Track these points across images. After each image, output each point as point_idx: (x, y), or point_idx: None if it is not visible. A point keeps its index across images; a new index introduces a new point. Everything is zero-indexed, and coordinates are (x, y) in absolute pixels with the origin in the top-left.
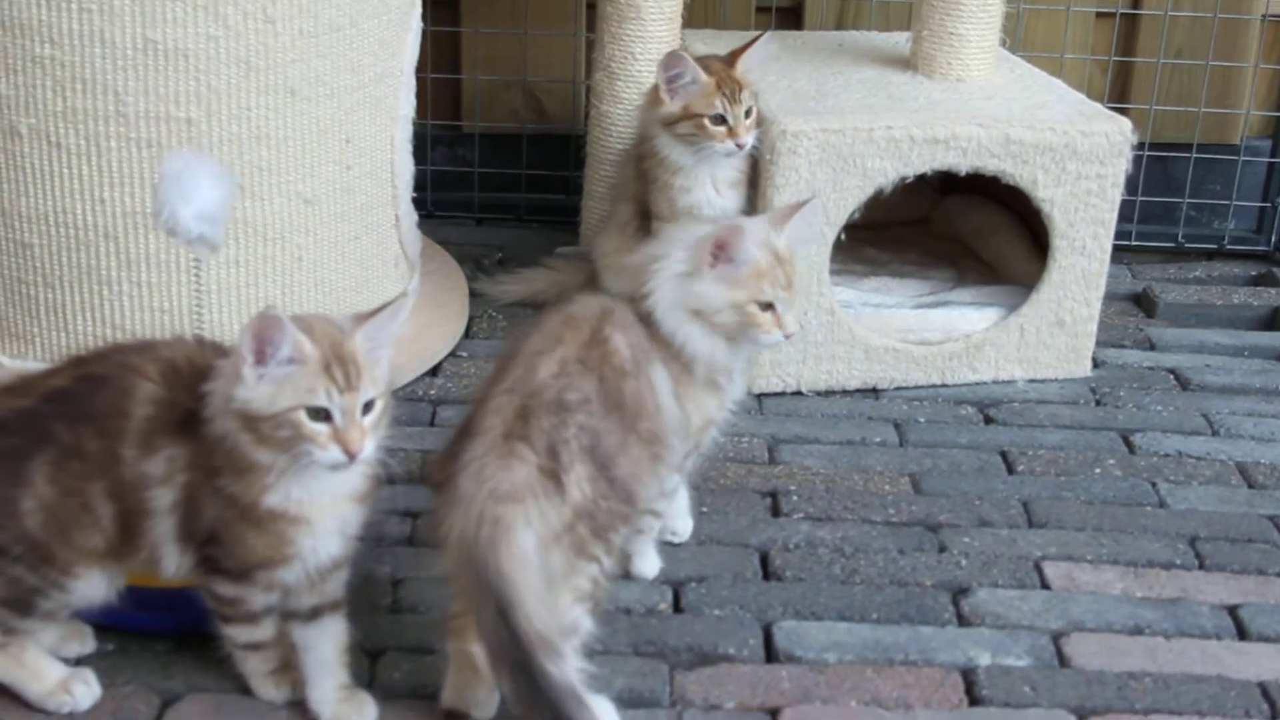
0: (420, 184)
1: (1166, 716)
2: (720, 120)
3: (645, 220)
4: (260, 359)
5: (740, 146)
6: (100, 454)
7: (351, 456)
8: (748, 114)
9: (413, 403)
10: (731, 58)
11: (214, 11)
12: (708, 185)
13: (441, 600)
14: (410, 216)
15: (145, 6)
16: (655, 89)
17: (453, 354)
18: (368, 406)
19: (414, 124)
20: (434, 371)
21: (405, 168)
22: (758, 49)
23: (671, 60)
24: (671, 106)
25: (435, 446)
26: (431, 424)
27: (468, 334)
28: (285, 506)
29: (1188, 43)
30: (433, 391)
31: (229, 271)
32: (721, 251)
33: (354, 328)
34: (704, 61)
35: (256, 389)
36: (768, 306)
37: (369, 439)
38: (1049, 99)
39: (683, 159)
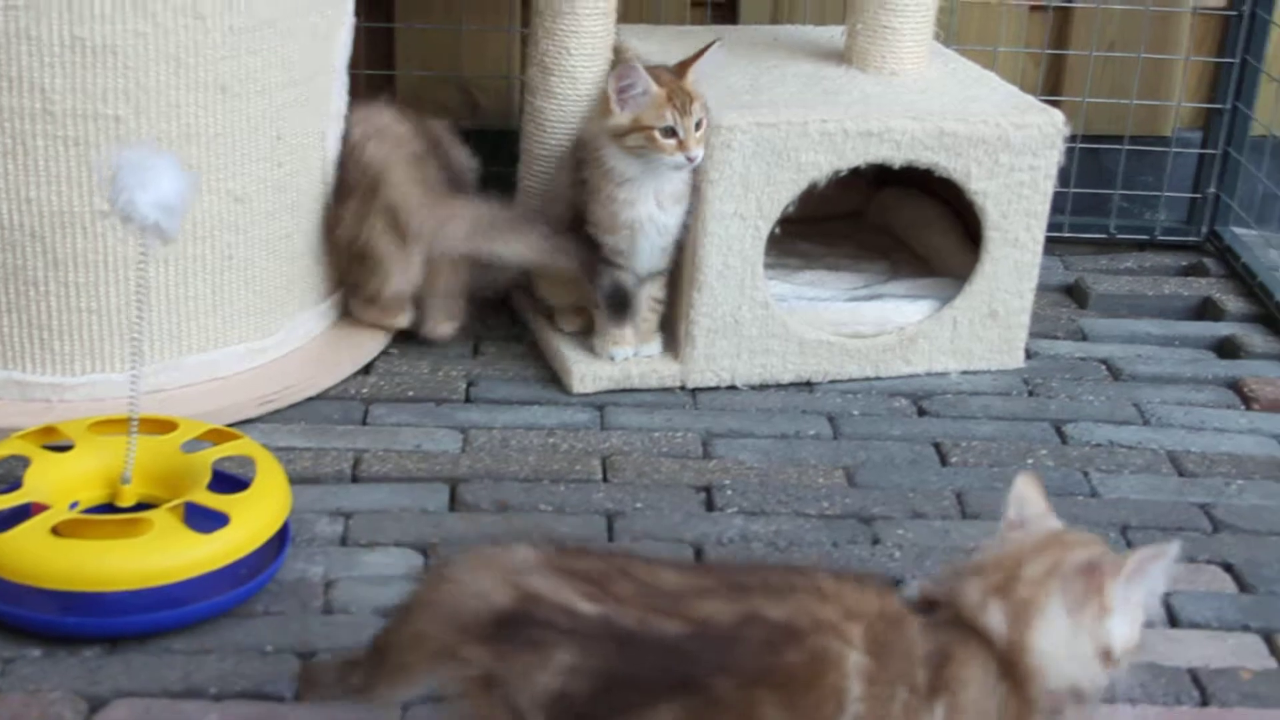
0: None
1: (1100, 705)
2: (671, 133)
3: (578, 227)
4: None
5: (691, 160)
6: None
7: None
8: (698, 126)
9: (345, 401)
10: (681, 68)
11: (143, 8)
12: (650, 200)
13: (374, 599)
14: None
15: (72, 3)
16: (605, 98)
17: (385, 352)
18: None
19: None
20: (366, 370)
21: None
22: (708, 58)
23: (623, 71)
24: (621, 118)
25: (368, 446)
26: (364, 423)
27: (401, 331)
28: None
29: (1120, 35)
30: (365, 390)
31: (158, 270)
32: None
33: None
34: (654, 72)
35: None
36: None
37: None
38: (982, 92)
39: (629, 170)
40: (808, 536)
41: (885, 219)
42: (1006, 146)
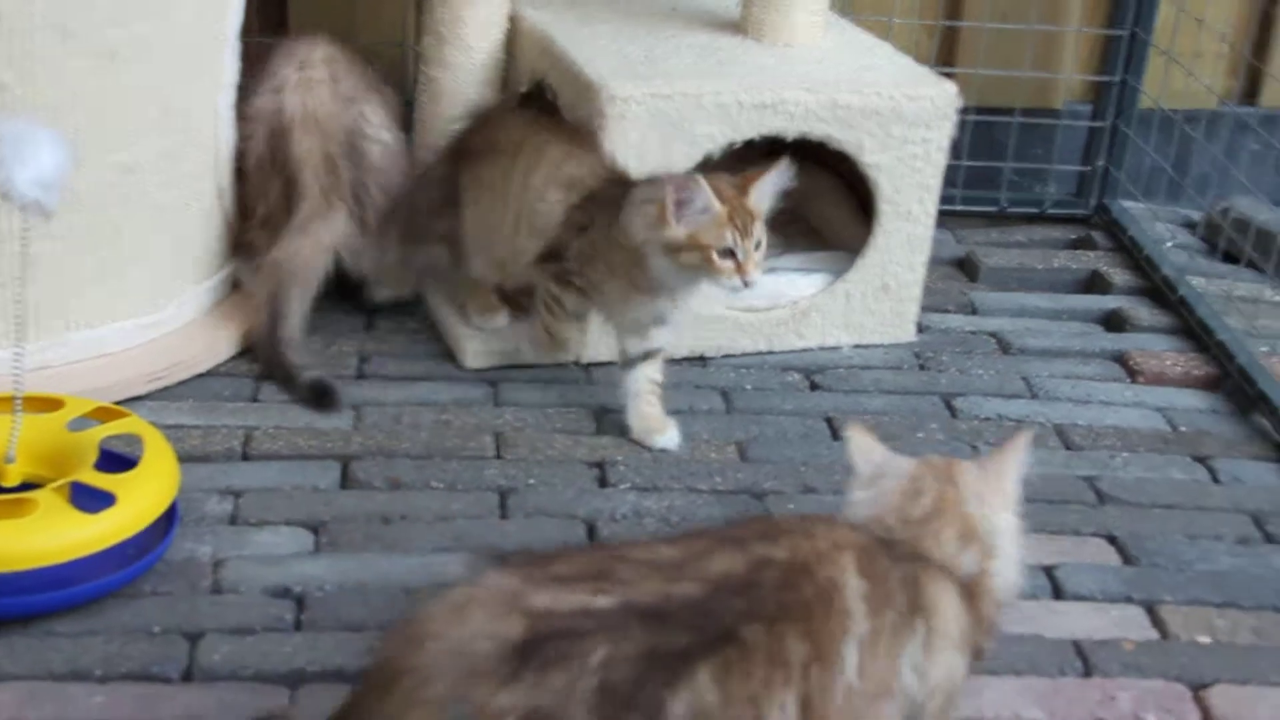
0: None
1: (985, 676)
2: (729, 254)
3: (548, 261)
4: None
5: (747, 285)
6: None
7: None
8: (757, 247)
9: (235, 378)
10: (744, 183)
11: None
12: (669, 301)
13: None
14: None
15: None
16: (660, 208)
17: None
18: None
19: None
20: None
21: (229, 136)
22: (773, 177)
23: (683, 184)
24: (677, 232)
25: (259, 423)
26: (255, 399)
27: None
28: None
29: (1013, 7)
30: (256, 366)
31: (44, 243)
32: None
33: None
34: (715, 186)
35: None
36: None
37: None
38: (876, 63)
39: (672, 282)
40: (700, 512)
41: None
42: (900, 119)
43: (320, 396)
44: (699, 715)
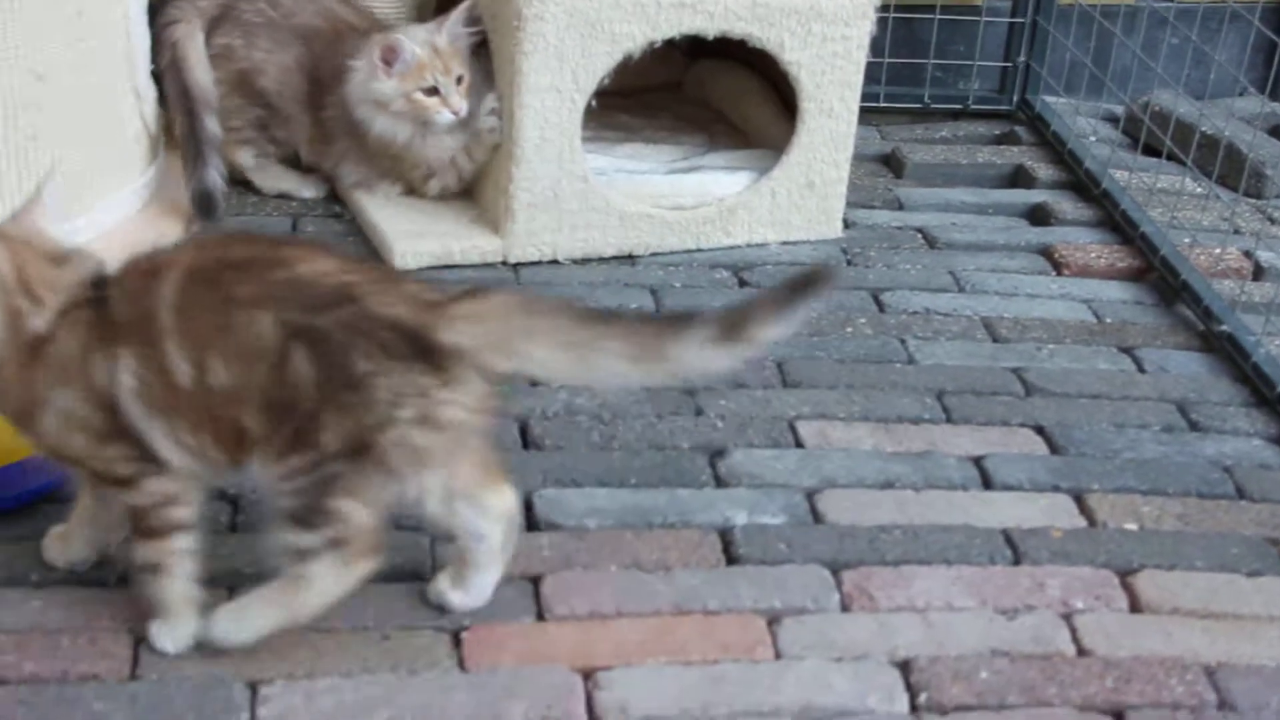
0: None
1: (916, 566)
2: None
3: None
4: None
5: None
6: None
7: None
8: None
9: None
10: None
11: None
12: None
13: None
14: (150, 92)
15: None
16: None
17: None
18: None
19: None
20: None
21: (142, 40)
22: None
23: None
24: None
25: None
26: None
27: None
28: None
29: None
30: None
31: None
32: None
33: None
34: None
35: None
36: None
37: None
38: None
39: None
40: (632, 409)
41: (702, 90)
42: (819, 16)
43: (204, 204)
44: None
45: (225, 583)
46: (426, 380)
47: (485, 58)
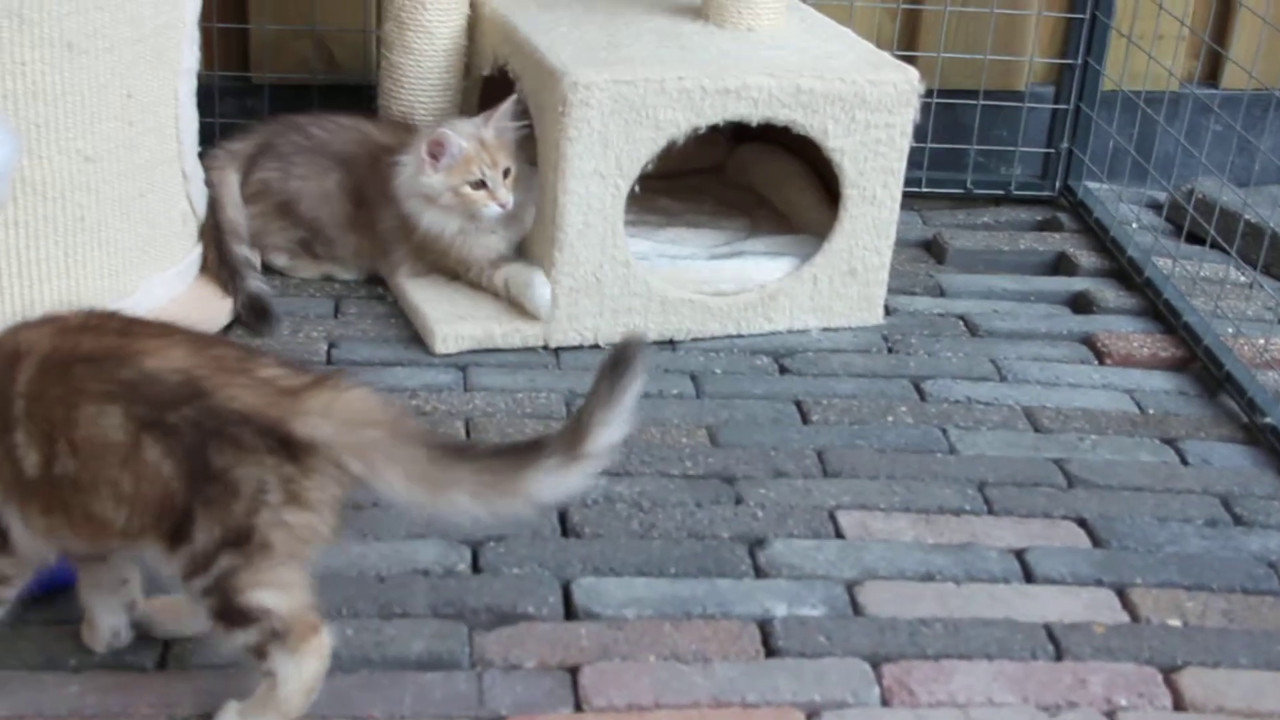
0: (209, 137)
1: (957, 661)
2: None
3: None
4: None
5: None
6: None
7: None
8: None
9: None
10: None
11: None
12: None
13: None
14: (197, 173)
15: None
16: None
17: None
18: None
19: (201, 75)
20: (225, 332)
21: (190, 123)
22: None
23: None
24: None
25: None
26: None
27: None
28: None
29: None
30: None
31: (7, 232)
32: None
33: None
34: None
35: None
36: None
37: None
38: (838, 48)
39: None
40: (671, 497)
41: (745, 174)
42: (863, 104)
43: (258, 313)
44: None
45: None
46: (287, 469)
47: (533, 148)
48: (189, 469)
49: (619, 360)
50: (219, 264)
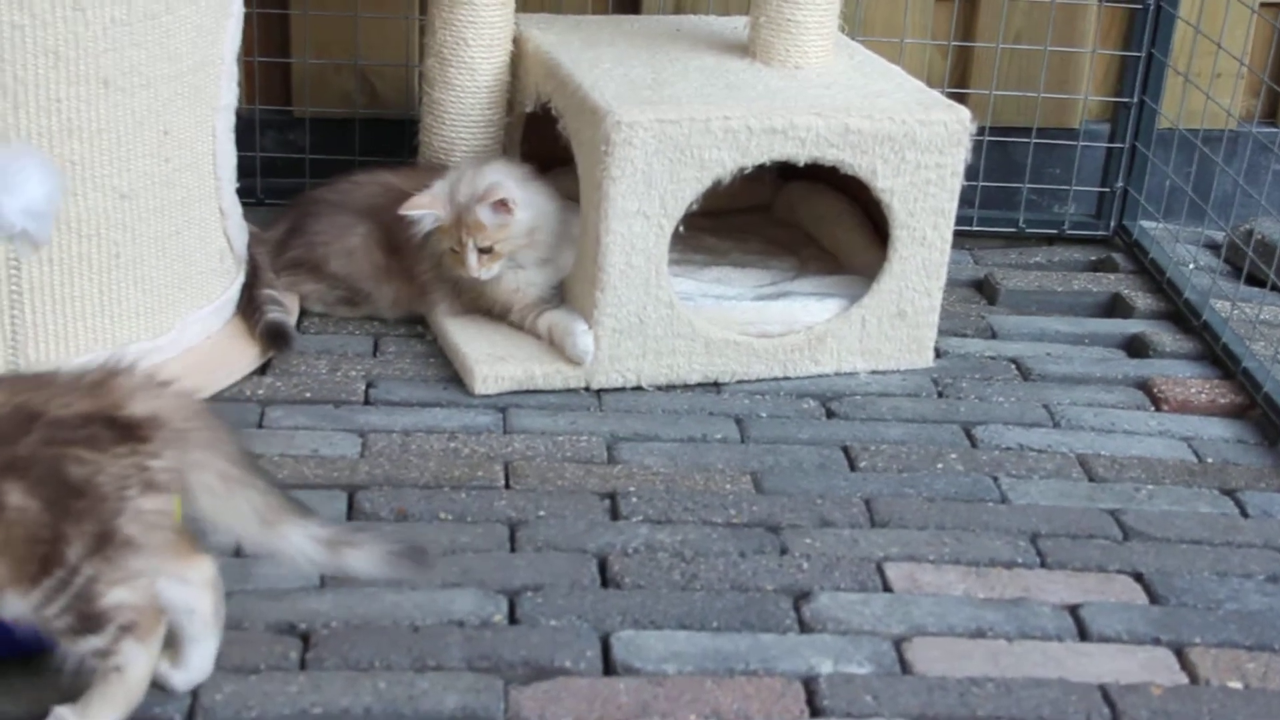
0: (250, 171)
1: None
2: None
3: None
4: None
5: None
6: None
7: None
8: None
9: (239, 403)
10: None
11: (19, 0)
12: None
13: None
14: (235, 209)
15: None
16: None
17: None
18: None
19: (242, 109)
20: (262, 370)
21: (228, 159)
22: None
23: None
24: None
25: (263, 450)
26: (259, 426)
27: (298, 328)
28: None
29: (1026, 27)
30: (261, 391)
31: (44, 270)
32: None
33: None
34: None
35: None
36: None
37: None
38: (888, 87)
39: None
40: (714, 546)
41: (792, 213)
42: (913, 144)
43: (276, 337)
44: None
45: None
46: (140, 453)
47: (574, 185)
48: (54, 494)
49: (408, 555)
50: (244, 306)
